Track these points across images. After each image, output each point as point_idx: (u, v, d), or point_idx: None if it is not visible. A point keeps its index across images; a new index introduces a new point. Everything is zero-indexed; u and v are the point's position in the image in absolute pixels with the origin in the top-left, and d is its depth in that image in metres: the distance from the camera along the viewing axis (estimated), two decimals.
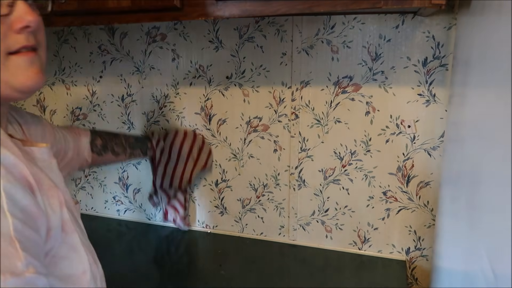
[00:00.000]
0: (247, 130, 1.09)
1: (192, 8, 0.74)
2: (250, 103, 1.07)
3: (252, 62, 1.03)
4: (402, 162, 0.98)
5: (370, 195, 1.03)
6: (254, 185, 1.13)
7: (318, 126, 1.02)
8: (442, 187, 0.93)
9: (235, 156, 1.13)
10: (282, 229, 1.14)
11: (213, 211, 1.20)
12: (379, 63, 0.93)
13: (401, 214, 1.02)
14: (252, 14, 0.71)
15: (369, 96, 0.96)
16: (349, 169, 1.03)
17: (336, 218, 1.08)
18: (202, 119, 1.12)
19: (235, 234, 1.20)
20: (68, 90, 1.24)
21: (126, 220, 1.32)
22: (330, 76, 0.98)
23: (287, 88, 1.02)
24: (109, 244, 1.17)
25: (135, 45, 1.13)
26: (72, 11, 0.80)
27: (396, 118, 0.95)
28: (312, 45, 0.97)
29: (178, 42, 1.08)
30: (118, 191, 1.30)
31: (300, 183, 1.08)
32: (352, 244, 1.09)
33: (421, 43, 0.89)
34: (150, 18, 0.78)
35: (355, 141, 1.00)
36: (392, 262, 1.04)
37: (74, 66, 1.21)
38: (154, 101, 1.16)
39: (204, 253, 1.11)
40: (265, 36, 1.01)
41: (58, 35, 1.20)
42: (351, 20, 0.93)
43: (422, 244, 1.03)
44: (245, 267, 1.04)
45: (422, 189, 0.98)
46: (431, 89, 0.91)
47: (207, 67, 1.08)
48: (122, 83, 1.17)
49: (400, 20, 0.90)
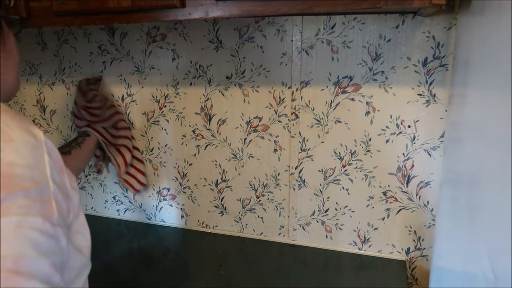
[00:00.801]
0: (247, 130, 1.09)
1: (192, 8, 0.74)
2: (250, 103, 1.07)
3: (252, 62, 1.03)
4: (402, 162, 0.98)
5: (370, 195, 1.03)
6: (254, 185, 1.13)
7: (318, 126, 1.02)
8: (442, 187, 0.93)
9: (235, 156, 1.13)
10: (282, 229, 1.14)
11: (213, 211, 1.21)
12: (379, 63, 0.93)
13: (401, 214, 1.02)
14: (252, 14, 0.71)
15: (369, 96, 0.96)
16: (349, 169, 1.03)
17: (336, 218, 1.08)
18: (202, 119, 1.12)
19: (235, 234, 1.20)
20: (68, 90, 1.24)
21: (126, 220, 1.32)
22: (330, 76, 0.98)
23: (287, 88, 1.02)
24: (109, 244, 1.17)
25: (135, 45, 1.13)
26: (72, 11, 0.80)
27: (396, 118, 0.95)
28: (312, 45, 0.97)
29: (178, 42, 1.08)
30: (118, 191, 1.30)
31: (300, 183, 1.08)
32: (352, 244, 1.09)
33: (421, 43, 0.89)
34: (150, 18, 0.78)
35: (355, 141, 1.00)
36: (392, 262, 1.04)
37: (74, 66, 1.21)
38: (154, 101, 1.16)
39: (204, 253, 1.11)
40: (265, 36, 1.01)
41: (58, 35, 1.20)
42: (351, 20, 0.93)
43: (422, 244, 1.03)
44: (245, 267, 1.04)
45: (422, 189, 0.98)
46: (431, 89, 0.91)
47: (207, 67, 1.08)
48: (122, 83, 1.18)
49: (400, 20, 0.90)
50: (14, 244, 0.34)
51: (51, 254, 0.38)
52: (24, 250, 0.35)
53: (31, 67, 1.26)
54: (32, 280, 0.35)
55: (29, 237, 0.35)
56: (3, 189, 0.34)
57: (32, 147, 0.38)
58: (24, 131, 0.39)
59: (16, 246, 0.34)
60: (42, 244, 0.37)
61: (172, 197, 1.24)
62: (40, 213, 0.37)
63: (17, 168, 0.36)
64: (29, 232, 0.35)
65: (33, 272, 0.35)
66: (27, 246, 0.35)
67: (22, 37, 1.24)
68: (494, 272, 0.46)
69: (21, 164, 0.36)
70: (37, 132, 0.41)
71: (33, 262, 0.35)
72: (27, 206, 0.36)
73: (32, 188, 0.36)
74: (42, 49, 1.23)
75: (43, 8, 0.83)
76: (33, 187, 0.37)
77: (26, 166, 0.37)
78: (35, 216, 0.36)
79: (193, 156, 1.17)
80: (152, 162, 1.22)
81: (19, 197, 0.35)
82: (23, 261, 0.34)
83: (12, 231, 0.34)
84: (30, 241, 0.35)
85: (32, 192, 0.36)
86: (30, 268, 0.35)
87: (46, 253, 0.37)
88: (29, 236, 0.35)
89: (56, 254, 0.39)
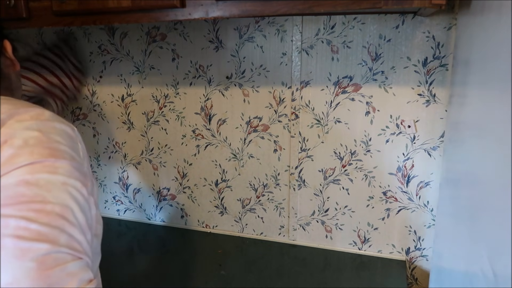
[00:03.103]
0: (247, 130, 1.09)
1: (192, 8, 0.74)
2: (250, 103, 1.07)
3: (252, 62, 1.03)
4: (402, 162, 0.98)
5: (370, 195, 1.03)
6: (254, 185, 1.13)
7: (318, 126, 1.02)
8: (442, 187, 0.93)
9: (235, 156, 1.13)
10: (282, 229, 1.14)
11: (213, 211, 1.20)
12: (379, 63, 0.93)
13: (401, 214, 1.02)
14: (252, 14, 0.71)
15: (369, 96, 0.96)
16: (349, 169, 1.03)
17: (336, 218, 1.08)
18: (202, 119, 1.12)
19: (235, 234, 1.20)
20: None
21: (126, 220, 1.32)
22: (330, 76, 0.98)
23: (287, 88, 1.02)
24: (109, 244, 1.17)
25: (135, 45, 1.13)
26: (72, 11, 0.80)
27: (396, 118, 0.95)
28: (312, 45, 0.97)
29: (178, 42, 1.08)
30: (118, 191, 1.30)
31: (300, 183, 1.08)
32: (352, 244, 1.09)
33: (421, 43, 0.89)
34: (150, 18, 0.78)
35: (355, 141, 1.00)
36: (392, 262, 1.04)
37: None
38: (154, 101, 1.16)
39: (204, 253, 1.11)
40: (265, 36, 1.01)
41: (58, 35, 1.20)
42: (351, 20, 0.93)
43: (422, 244, 1.03)
44: (245, 267, 1.04)
45: (422, 189, 0.98)
46: (431, 89, 0.91)
47: (207, 67, 1.08)
48: (122, 83, 1.18)
49: (400, 20, 0.90)
50: (62, 195, 0.42)
51: (86, 214, 0.45)
52: (69, 202, 0.43)
53: None
54: (74, 227, 0.42)
55: (72, 194, 0.43)
56: (53, 156, 0.43)
57: (71, 135, 0.48)
58: (63, 123, 0.48)
59: (63, 197, 0.42)
60: (81, 203, 0.44)
61: (172, 197, 1.24)
62: (80, 180, 0.45)
63: (61, 145, 0.45)
64: (72, 190, 0.43)
65: (75, 221, 0.43)
66: (71, 200, 0.43)
67: (22, 37, 1.23)
68: (494, 272, 0.47)
69: (64, 144, 0.45)
70: (71, 125, 0.50)
71: (75, 213, 0.43)
72: (71, 171, 0.44)
73: (74, 161, 0.45)
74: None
75: (43, 8, 0.83)
76: (74, 161, 0.45)
77: (67, 145, 0.46)
78: (76, 180, 0.44)
79: (193, 156, 1.17)
80: (152, 162, 1.22)
81: (65, 163, 0.44)
82: (68, 210, 0.42)
83: (60, 185, 0.42)
84: (73, 197, 0.43)
85: (74, 164, 0.45)
86: (73, 217, 0.43)
87: (84, 211, 0.45)
88: (72, 193, 0.43)
89: (88, 217, 0.46)
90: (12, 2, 0.83)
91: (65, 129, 0.47)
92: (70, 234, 0.41)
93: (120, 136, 1.23)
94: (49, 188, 0.41)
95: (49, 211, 0.40)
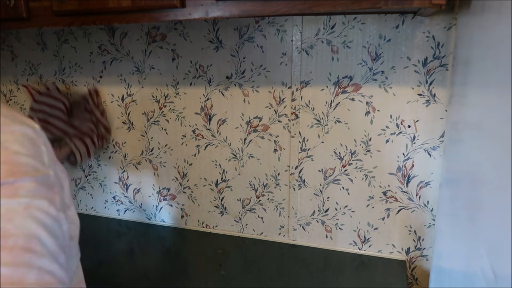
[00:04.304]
0: (247, 130, 1.09)
1: (192, 8, 0.74)
2: (250, 103, 1.07)
3: (252, 62, 1.03)
4: (402, 162, 0.98)
5: (370, 195, 1.03)
6: (254, 185, 1.13)
7: (318, 126, 1.02)
8: (442, 187, 0.93)
9: (235, 156, 1.13)
10: (282, 229, 1.15)
11: (213, 211, 1.21)
12: (379, 63, 0.94)
13: (401, 214, 1.02)
14: (252, 14, 0.71)
15: (369, 96, 0.96)
16: (349, 169, 1.03)
17: (336, 218, 1.08)
18: (202, 119, 1.12)
19: (235, 234, 1.20)
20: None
21: (126, 220, 1.32)
22: (330, 76, 0.98)
23: (287, 88, 1.02)
24: (109, 244, 1.17)
25: (135, 45, 1.13)
26: (72, 11, 0.80)
27: (396, 118, 0.95)
28: (312, 45, 0.97)
29: (178, 42, 1.08)
30: (118, 191, 1.30)
31: (300, 183, 1.08)
32: (352, 244, 1.09)
33: (421, 43, 0.89)
34: (150, 18, 0.78)
35: (355, 141, 1.00)
36: (392, 262, 1.04)
37: (74, 66, 1.21)
38: (154, 101, 1.16)
39: (204, 253, 1.11)
40: (265, 36, 1.01)
41: (58, 35, 1.20)
42: (351, 20, 0.93)
43: (422, 244, 1.03)
44: (245, 267, 1.04)
45: (422, 189, 0.98)
46: (431, 89, 0.91)
47: (207, 67, 1.08)
48: (122, 83, 1.18)
49: (400, 20, 0.90)
50: (26, 223, 0.36)
51: (57, 236, 0.40)
52: (34, 229, 0.37)
53: (31, 67, 1.26)
54: (43, 258, 0.37)
55: (38, 218, 0.38)
56: (13, 174, 0.37)
57: (31, 138, 0.41)
58: (22, 123, 0.41)
59: (27, 225, 0.36)
60: (49, 226, 0.39)
61: (172, 197, 1.24)
62: (46, 197, 0.40)
63: (21, 156, 0.39)
64: (37, 213, 0.38)
65: (43, 250, 0.37)
66: (37, 226, 0.37)
67: (22, 37, 1.24)
68: (494, 272, 0.47)
69: (25, 154, 0.39)
70: (33, 124, 0.43)
71: (43, 241, 0.37)
72: (34, 189, 0.38)
73: (37, 175, 0.40)
74: (42, 49, 1.23)
75: (43, 8, 0.83)
76: (38, 174, 0.40)
77: (29, 155, 0.40)
78: (41, 199, 0.39)
79: (193, 156, 1.17)
80: (152, 162, 1.22)
81: (27, 181, 0.38)
82: (34, 240, 0.36)
83: (22, 211, 0.36)
84: (39, 222, 0.38)
85: (38, 178, 0.39)
86: (40, 246, 0.37)
87: (53, 234, 0.39)
88: (37, 217, 0.38)
89: (59, 237, 0.41)
90: (12, 2, 0.83)
91: (25, 131, 0.41)
92: (39, 267, 0.36)
93: (120, 136, 1.23)
94: (10, 216, 0.35)
95: (11, 247, 0.34)
